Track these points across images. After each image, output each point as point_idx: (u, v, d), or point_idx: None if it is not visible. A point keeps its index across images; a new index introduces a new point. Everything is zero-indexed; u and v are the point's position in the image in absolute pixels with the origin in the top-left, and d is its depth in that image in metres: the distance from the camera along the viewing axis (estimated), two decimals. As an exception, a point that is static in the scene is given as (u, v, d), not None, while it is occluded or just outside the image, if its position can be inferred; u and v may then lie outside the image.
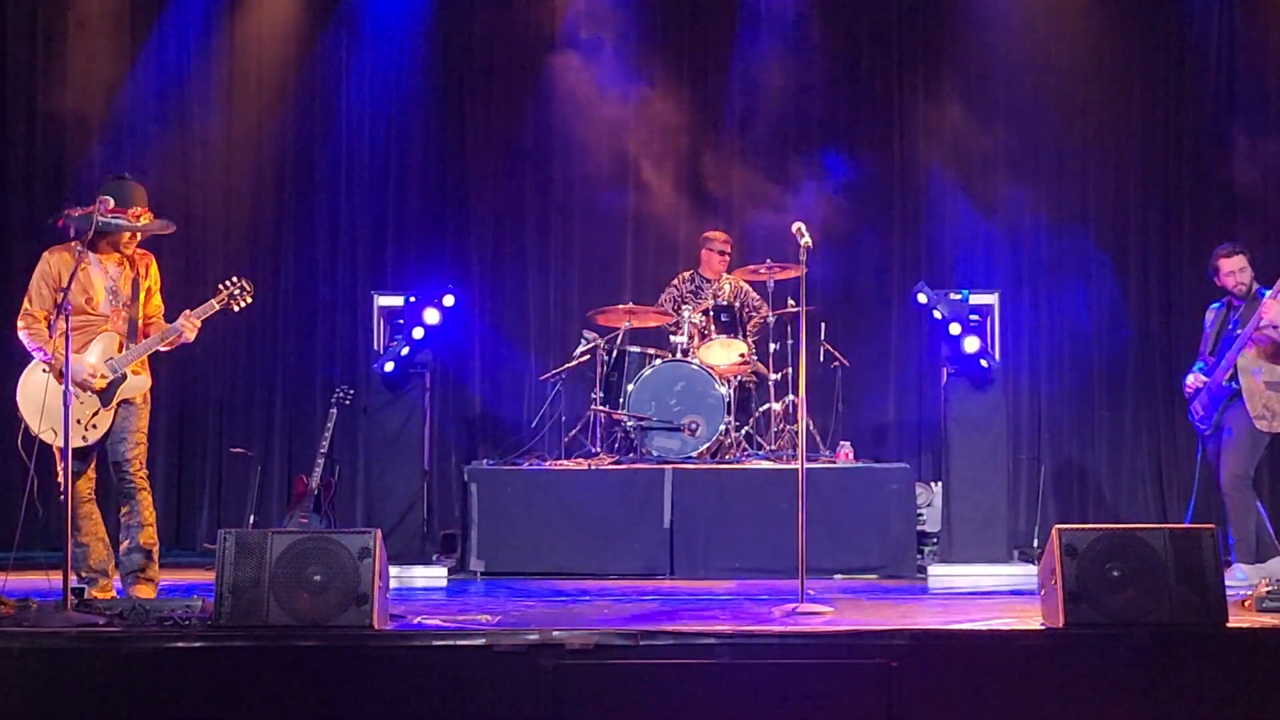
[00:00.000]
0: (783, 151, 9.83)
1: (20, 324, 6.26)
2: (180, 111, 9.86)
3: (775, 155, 9.83)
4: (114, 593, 6.32)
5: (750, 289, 9.25)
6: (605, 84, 9.86)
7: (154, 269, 6.53)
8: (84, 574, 6.27)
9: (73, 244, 6.23)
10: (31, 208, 9.59)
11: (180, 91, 9.88)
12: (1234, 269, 7.48)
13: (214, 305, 6.42)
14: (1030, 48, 9.83)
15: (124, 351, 6.30)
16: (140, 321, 6.40)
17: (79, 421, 6.12)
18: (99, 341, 6.26)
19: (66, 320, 5.74)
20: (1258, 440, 7.39)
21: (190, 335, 6.38)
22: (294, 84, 9.99)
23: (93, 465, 6.35)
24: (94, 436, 6.23)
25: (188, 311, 6.38)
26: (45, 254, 6.34)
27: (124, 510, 6.38)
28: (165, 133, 9.71)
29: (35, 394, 6.07)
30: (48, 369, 6.12)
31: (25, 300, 6.29)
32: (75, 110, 9.69)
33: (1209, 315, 7.71)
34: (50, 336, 6.07)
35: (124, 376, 6.28)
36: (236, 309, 6.55)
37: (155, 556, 6.43)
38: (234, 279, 6.52)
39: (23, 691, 5.02)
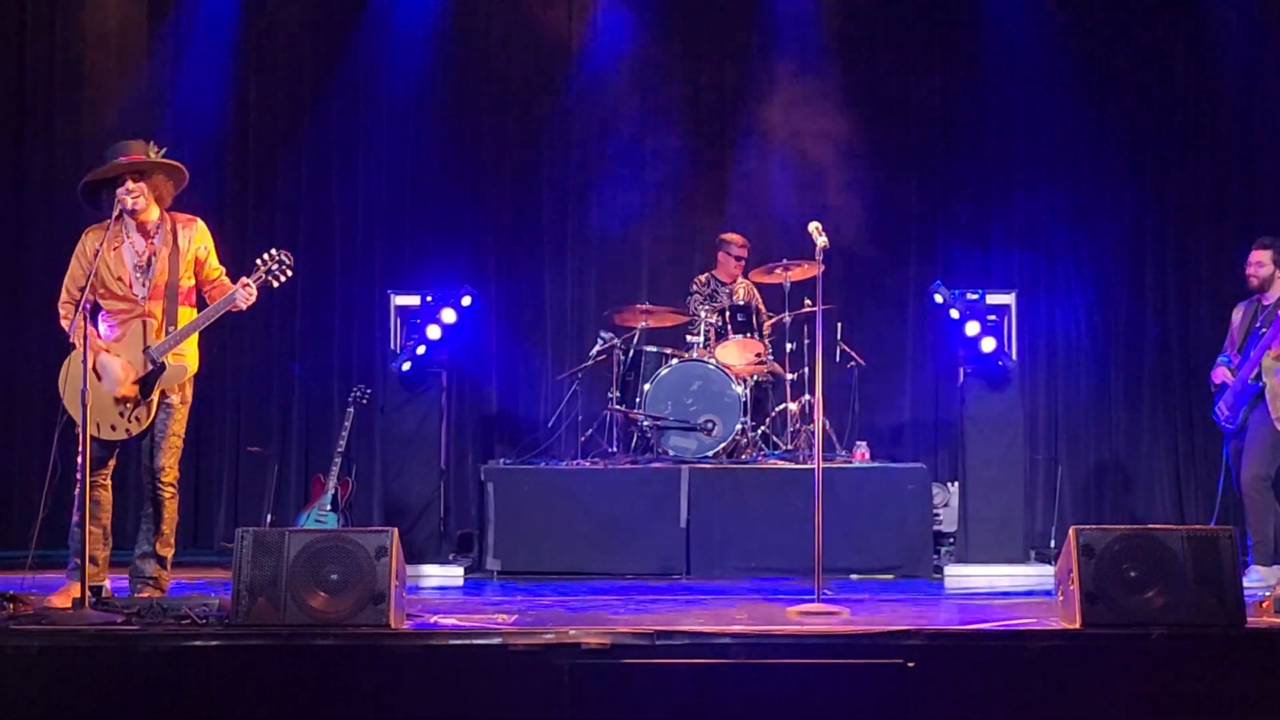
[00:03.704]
0: (798, 151, 9.81)
1: (60, 311, 6.03)
2: (196, 106, 9.84)
3: (791, 155, 9.80)
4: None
5: (758, 295, 9.23)
6: (621, 84, 9.88)
7: (200, 232, 6.11)
8: (72, 555, 5.92)
9: (107, 222, 5.91)
10: (50, 204, 9.61)
11: (197, 84, 9.87)
12: (1250, 261, 7.54)
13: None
14: (1048, 45, 9.79)
15: (161, 338, 5.95)
16: (191, 292, 6.06)
17: (121, 415, 5.92)
18: (130, 332, 5.95)
19: (86, 317, 5.62)
20: (1279, 442, 7.36)
21: (243, 305, 5.92)
22: (312, 82, 10.00)
23: (114, 454, 6.09)
24: (136, 429, 5.98)
25: (245, 279, 5.93)
26: (84, 233, 6.06)
27: (147, 514, 6.15)
28: (180, 130, 9.72)
29: (75, 383, 5.71)
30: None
31: (63, 286, 6.04)
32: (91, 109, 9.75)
33: (1237, 313, 7.68)
34: (82, 322, 5.66)
35: (162, 366, 5.92)
36: (276, 285, 6.03)
37: (169, 565, 6.24)
38: (272, 251, 6.02)
39: (41, 689, 5.03)
